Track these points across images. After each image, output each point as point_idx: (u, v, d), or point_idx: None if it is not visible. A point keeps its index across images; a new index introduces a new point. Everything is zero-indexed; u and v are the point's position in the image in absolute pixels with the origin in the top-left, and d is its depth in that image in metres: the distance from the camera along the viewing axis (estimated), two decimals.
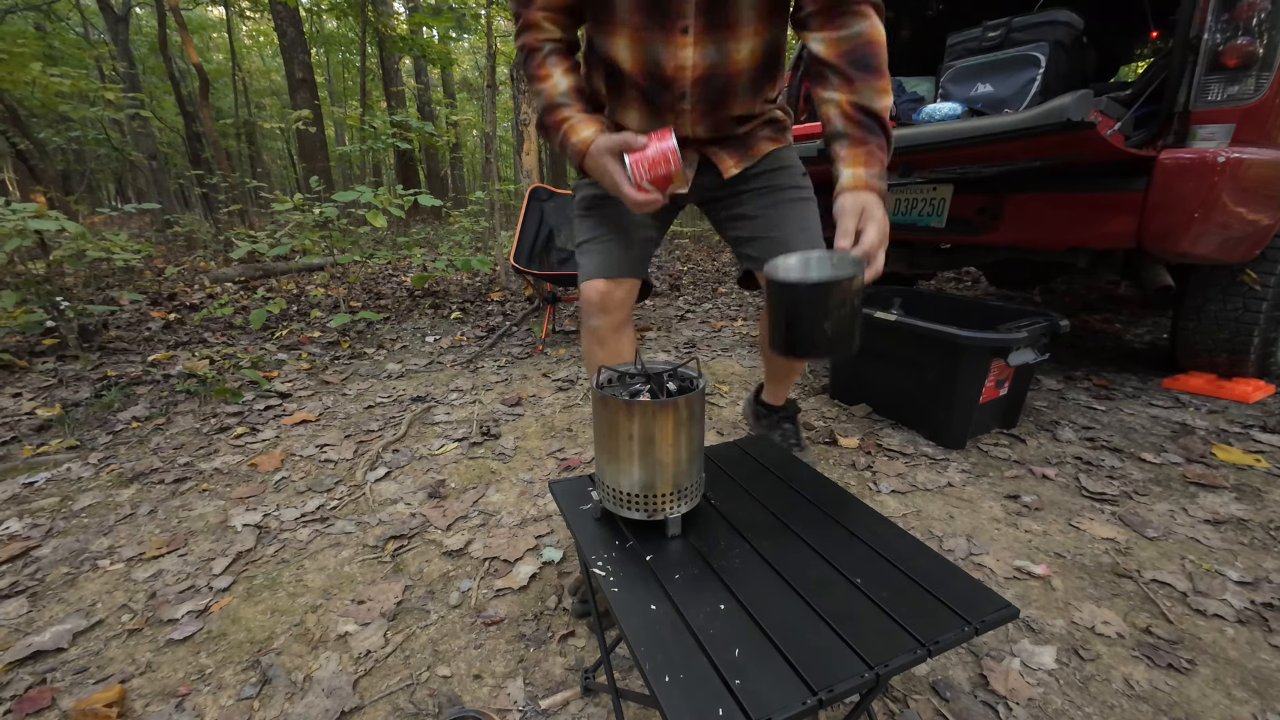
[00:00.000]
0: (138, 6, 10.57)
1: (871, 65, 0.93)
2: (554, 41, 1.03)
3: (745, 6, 0.97)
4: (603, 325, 1.19)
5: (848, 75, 0.93)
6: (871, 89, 0.93)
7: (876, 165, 0.92)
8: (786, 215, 1.17)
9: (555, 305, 3.16)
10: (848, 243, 0.86)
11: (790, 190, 1.18)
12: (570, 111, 1.00)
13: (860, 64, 0.93)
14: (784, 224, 1.16)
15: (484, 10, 5.24)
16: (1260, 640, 0.99)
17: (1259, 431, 1.73)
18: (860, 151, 0.92)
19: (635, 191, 0.91)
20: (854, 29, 0.93)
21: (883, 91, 0.93)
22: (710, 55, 1.01)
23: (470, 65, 17.99)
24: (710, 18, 0.97)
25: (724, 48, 1.00)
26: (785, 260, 0.85)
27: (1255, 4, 1.49)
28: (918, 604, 0.65)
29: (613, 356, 1.23)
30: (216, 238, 5.77)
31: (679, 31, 0.98)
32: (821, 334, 0.79)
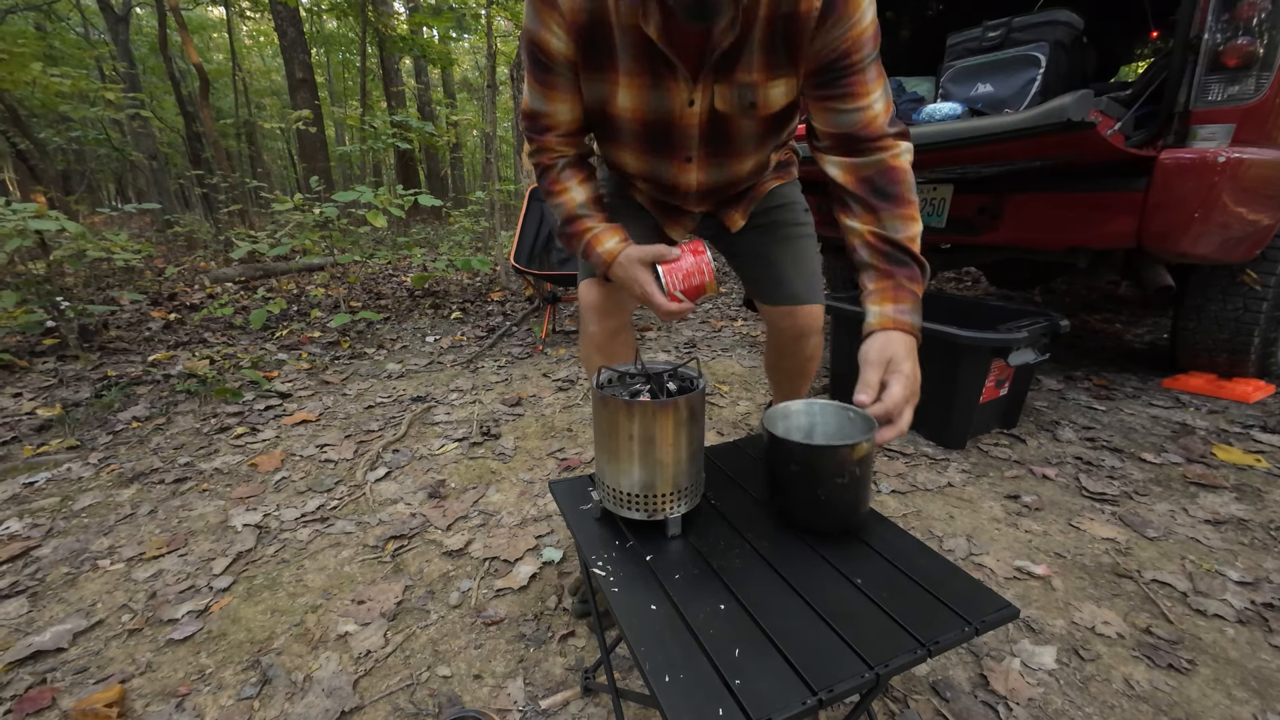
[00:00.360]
0: (138, 6, 10.57)
1: (894, 194, 0.87)
2: (567, 158, 1.03)
3: (747, 138, 0.98)
4: (598, 331, 1.16)
5: (869, 204, 0.88)
6: (896, 218, 0.87)
7: (907, 300, 0.84)
8: (783, 253, 1.19)
9: (555, 305, 3.16)
10: (868, 397, 0.77)
11: (789, 228, 1.19)
12: (592, 222, 1.01)
13: (882, 193, 0.88)
14: (780, 261, 1.19)
15: (484, 10, 5.24)
16: (1260, 640, 0.99)
17: (1259, 431, 1.73)
18: (888, 286, 0.85)
19: (668, 301, 0.92)
20: (874, 158, 0.88)
21: (909, 219, 0.87)
22: (714, 174, 1.04)
23: (470, 65, 17.99)
24: (712, 147, 0.99)
25: (727, 167, 1.04)
26: (787, 409, 0.82)
27: (1256, 4, 1.49)
28: (918, 604, 0.65)
29: (609, 363, 1.21)
30: (217, 238, 5.78)
31: (682, 160, 1.01)
32: (813, 502, 0.73)
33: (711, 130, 0.96)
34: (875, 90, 0.88)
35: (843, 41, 0.84)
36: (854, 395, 0.78)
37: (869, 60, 0.86)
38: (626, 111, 0.94)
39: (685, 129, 0.96)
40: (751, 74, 0.89)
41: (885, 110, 0.89)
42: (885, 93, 0.89)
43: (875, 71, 0.88)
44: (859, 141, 0.89)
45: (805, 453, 0.71)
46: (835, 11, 0.82)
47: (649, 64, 0.89)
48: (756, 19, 0.84)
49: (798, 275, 1.18)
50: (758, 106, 0.92)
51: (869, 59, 0.86)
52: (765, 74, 0.89)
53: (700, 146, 0.99)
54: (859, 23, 0.83)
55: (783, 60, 0.88)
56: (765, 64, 0.88)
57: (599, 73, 0.92)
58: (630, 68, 0.90)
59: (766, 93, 0.91)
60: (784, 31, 0.85)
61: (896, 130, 0.90)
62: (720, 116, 0.94)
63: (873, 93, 0.88)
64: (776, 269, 1.19)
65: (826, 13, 0.82)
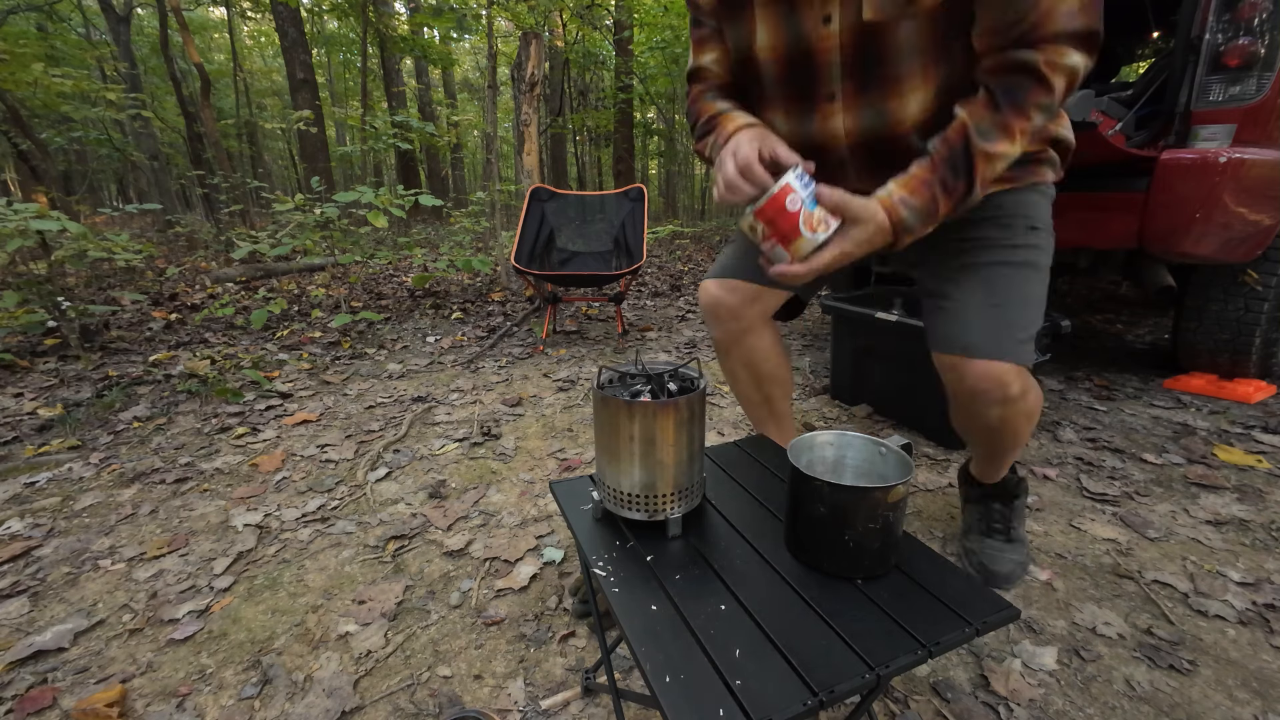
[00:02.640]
0: (139, 7, 10.58)
1: (1016, 100, 0.72)
2: (715, 90, 0.97)
3: (908, 54, 0.78)
4: (717, 336, 1.09)
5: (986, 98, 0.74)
6: (995, 126, 0.73)
7: (920, 198, 0.75)
8: (973, 282, 0.88)
9: (556, 306, 3.16)
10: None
11: (996, 249, 0.89)
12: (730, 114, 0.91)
13: (1009, 95, 0.73)
14: (962, 293, 0.88)
15: (485, 11, 5.25)
16: (1262, 641, 0.99)
17: (1260, 432, 1.72)
18: (918, 178, 0.75)
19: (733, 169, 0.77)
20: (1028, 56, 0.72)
21: (1008, 135, 0.73)
22: (867, 118, 0.85)
23: (471, 66, 18.01)
24: (861, 78, 0.82)
25: (883, 108, 0.83)
26: (813, 440, 0.76)
27: (1257, 4, 1.49)
28: (918, 605, 0.65)
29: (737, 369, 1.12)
30: (218, 238, 5.78)
31: (825, 99, 0.86)
32: (839, 547, 0.67)
33: (858, 54, 0.80)
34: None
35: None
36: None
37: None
38: (766, 51, 0.86)
39: (824, 55, 0.82)
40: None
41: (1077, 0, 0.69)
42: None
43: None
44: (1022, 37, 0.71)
45: (835, 494, 0.65)
46: None
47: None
48: None
49: (983, 316, 0.86)
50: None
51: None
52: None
53: (845, 80, 0.82)
54: None
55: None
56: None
57: (739, 11, 0.87)
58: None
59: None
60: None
61: (1077, 28, 0.69)
62: (869, 30, 0.78)
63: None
64: (955, 304, 0.89)
65: None
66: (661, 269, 5.49)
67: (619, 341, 3.03)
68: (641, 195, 3.32)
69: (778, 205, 0.73)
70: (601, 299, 3.23)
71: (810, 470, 0.71)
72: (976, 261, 0.89)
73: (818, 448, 0.79)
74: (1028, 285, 0.88)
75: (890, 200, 0.76)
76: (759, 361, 1.13)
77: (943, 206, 0.76)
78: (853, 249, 0.76)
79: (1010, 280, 0.88)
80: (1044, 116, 0.73)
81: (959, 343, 0.87)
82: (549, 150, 10.89)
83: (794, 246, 0.75)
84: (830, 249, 0.75)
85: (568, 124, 10.47)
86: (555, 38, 9.31)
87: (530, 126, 3.94)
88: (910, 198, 0.75)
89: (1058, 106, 0.74)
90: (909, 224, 0.76)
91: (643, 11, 9.68)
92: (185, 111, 7.68)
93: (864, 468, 0.78)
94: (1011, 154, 0.75)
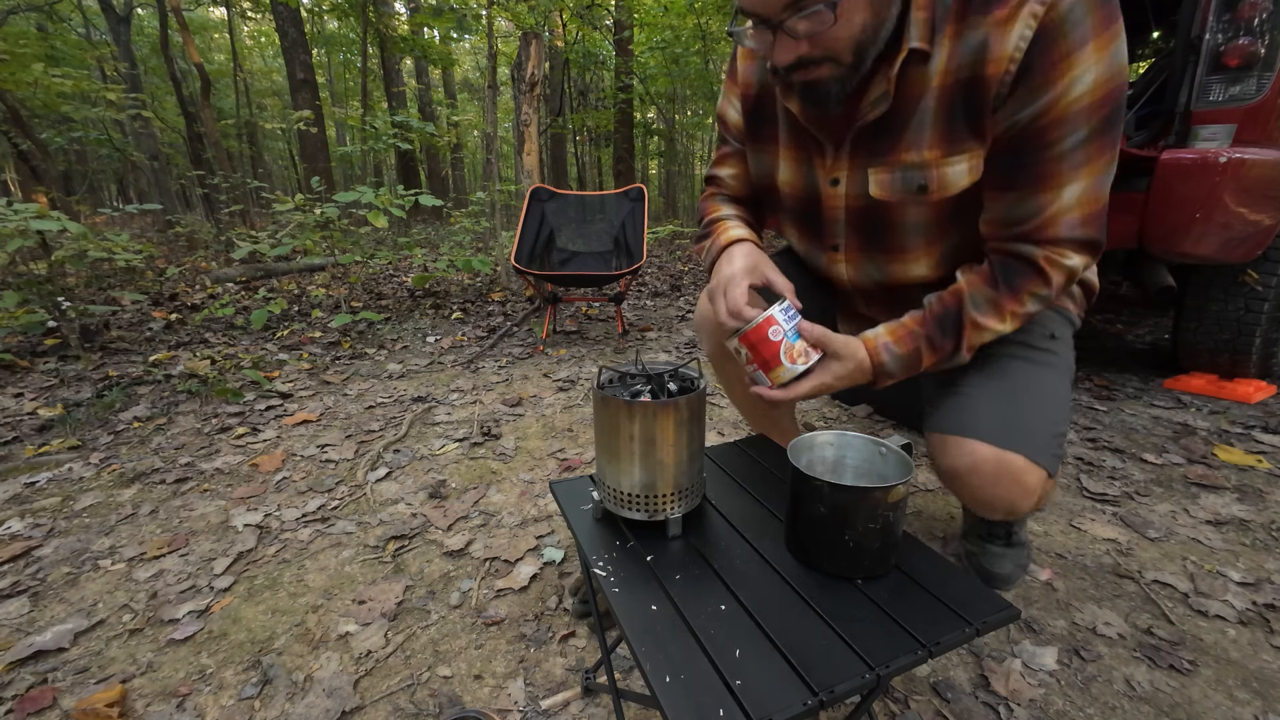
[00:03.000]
0: (140, 7, 10.58)
1: (1013, 285, 0.73)
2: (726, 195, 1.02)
3: (914, 230, 0.80)
4: (712, 351, 1.09)
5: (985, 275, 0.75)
6: (988, 303, 0.74)
7: (905, 348, 0.76)
8: (991, 370, 0.83)
9: (556, 306, 3.16)
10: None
11: (1013, 345, 0.84)
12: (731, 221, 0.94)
13: (1006, 277, 0.74)
14: (979, 381, 0.83)
15: (485, 11, 5.25)
16: (1262, 641, 0.99)
17: (1260, 432, 1.72)
18: (908, 330, 0.77)
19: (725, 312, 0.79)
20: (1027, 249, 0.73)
21: (999, 315, 0.74)
22: (868, 272, 0.88)
23: (471, 66, 18.01)
24: (864, 239, 0.84)
25: (886, 267, 0.85)
26: (813, 439, 0.76)
27: (1257, 4, 1.49)
28: (919, 605, 0.65)
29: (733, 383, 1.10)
30: (218, 238, 5.78)
31: (829, 248, 0.90)
32: (839, 547, 0.67)
33: (862, 219, 0.83)
34: (1074, 180, 0.69)
35: (1040, 116, 0.67)
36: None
37: (1076, 141, 0.67)
38: (786, 186, 0.90)
39: (830, 212, 0.85)
40: (922, 152, 0.74)
41: (1080, 208, 0.70)
42: (1093, 185, 0.69)
43: (1085, 155, 0.68)
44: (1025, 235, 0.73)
45: (835, 494, 0.65)
46: (1034, 76, 0.65)
47: (800, 138, 0.84)
48: (928, 89, 0.71)
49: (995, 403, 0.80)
50: (930, 189, 0.76)
51: (1075, 139, 0.67)
52: (942, 149, 0.73)
53: (849, 236, 0.86)
54: (1068, 92, 0.65)
55: (964, 132, 0.71)
56: (943, 137, 0.73)
57: (764, 144, 0.91)
58: (787, 139, 0.87)
59: (942, 172, 0.74)
60: (965, 99, 0.69)
61: (1078, 236, 0.71)
62: (876, 205, 0.80)
63: (1068, 183, 0.69)
64: (964, 389, 0.84)
65: (1023, 76, 0.65)
66: (661, 269, 5.49)
67: (619, 341, 3.03)
68: (641, 195, 3.32)
69: (761, 335, 0.76)
70: (601, 299, 3.23)
71: (810, 470, 0.71)
72: (991, 353, 0.84)
73: (818, 448, 0.79)
74: (1046, 382, 0.83)
75: (875, 343, 0.78)
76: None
77: (926, 360, 0.78)
78: (832, 382, 0.78)
79: (1027, 374, 0.83)
80: (1037, 305, 0.75)
81: (966, 426, 0.81)
82: (549, 150, 10.89)
83: (774, 374, 0.78)
84: (809, 380, 0.78)
85: (568, 124, 10.47)
86: (555, 38, 9.31)
87: (530, 126, 3.94)
88: (895, 345, 0.78)
89: (1054, 299, 0.75)
90: (889, 368, 0.78)
91: (643, 11, 9.68)
92: (185, 111, 7.68)
93: (864, 468, 0.78)
94: (1000, 330, 0.76)
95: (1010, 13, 0.64)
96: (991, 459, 0.78)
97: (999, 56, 0.65)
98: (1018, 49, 0.64)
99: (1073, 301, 0.92)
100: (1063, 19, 0.62)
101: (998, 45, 0.65)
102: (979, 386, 0.82)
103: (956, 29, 0.68)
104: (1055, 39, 0.63)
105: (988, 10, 0.66)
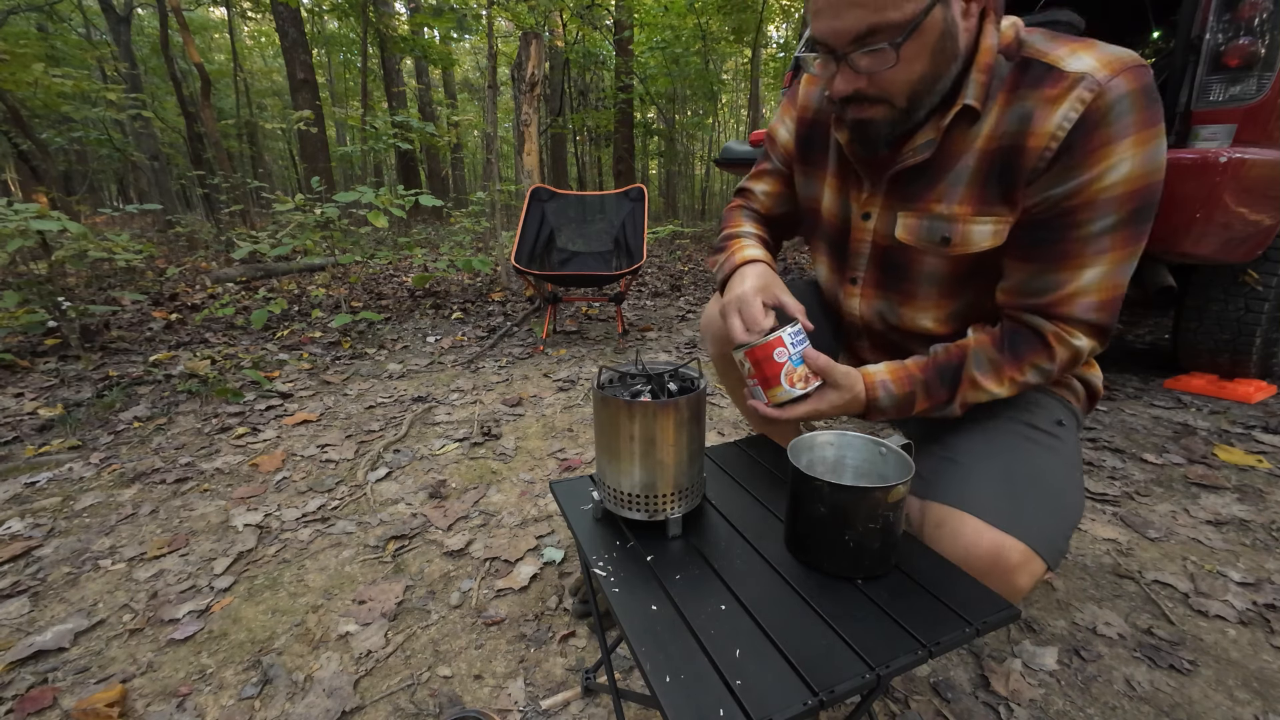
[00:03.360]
0: (140, 7, 10.59)
1: (1018, 354, 0.74)
2: (752, 212, 1.05)
3: (928, 279, 0.82)
4: (716, 356, 1.09)
5: (993, 341, 0.76)
6: (989, 367, 0.75)
7: (903, 389, 0.78)
8: (992, 448, 0.79)
9: (556, 306, 3.16)
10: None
11: (1018, 424, 0.81)
12: (747, 240, 0.97)
13: (1012, 346, 0.75)
14: (979, 455, 0.78)
15: (485, 11, 5.25)
16: (1262, 641, 0.99)
17: (1261, 432, 1.72)
18: (908, 373, 0.78)
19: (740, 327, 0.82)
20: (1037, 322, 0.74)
21: (997, 380, 0.75)
22: (879, 309, 0.90)
23: (471, 66, 18.01)
24: (883, 275, 0.87)
25: (896, 308, 0.88)
26: (813, 439, 0.77)
27: (1257, 4, 1.49)
28: (919, 605, 0.65)
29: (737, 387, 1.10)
30: (218, 238, 5.78)
31: (849, 279, 0.92)
32: (839, 547, 0.67)
33: (884, 258, 0.85)
34: (1095, 264, 0.69)
35: (1072, 195, 0.68)
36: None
37: (1103, 226, 0.68)
38: (827, 214, 0.92)
39: (857, 244, 0.88)
40: (953, 206, 0.76)
41: (1097, 293, 0.70)
42: (1113, 273, 0.69)
43: (1110, 242, 0.68)
44: (1039, 308, 0.73)
45: (835, 494, 0.65)
46: (1073, 155, 0.66)
47: (842, 168, 0.88)
48: (970, 148, 0.73)
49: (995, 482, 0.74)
50: (953, 242, 0.77)
51: (1103, 225, 0.67)
52: (972, 207, 0.75)
53: (869, 271, 0.88)
54: (1102, 177, 0.66)
55: (996, 196, 0.73)
56: (975, 197, 0.74)
57: (815, 168, 0.93)
58: (833, 168, 0.89)
59: (967, 229, 0.76)
60: (1003, 166, 0.71)
61: (1091, 320, 0.71)
62: (900, 247, 0.82)
63: (1089, 265, 0.69)
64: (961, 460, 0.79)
65: (1062, 154, 0.67)
66: (662, 269, 5.49)
67: (619, 341, 3.03)
68: (642, 195, 3.32)
69: (765, 353, 0.78)
70: (602, 299, 3.23)
71: (810, 470, 0.71)
72: (994, 427, 0.81)
73: (818, 448, 0.79)
74: (1052, 469, 0.76)
75: (873, 379, 0.79)
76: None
77: (920, 404, 0.79)
78: (826, 409, 0.80)
79: (1031, 458, 0.77)
80: (1037, 377, 0.75)
81: (961, 500, 0.74)
82: (549, 150, 10.89)
83: (772, 393, 0.79)
84: (805, 404, 0.79)
85: (568, 124, 10.47)
86: (555, 38, 9.31)
87: (530, 126, 3.95)
88: (892, 383, 0.79)
89: (1055, 375, 0.76)
90: (882, 404, 0.79)
91: (643, 11, 9.68)
92: (185, 112, 7.68)
93: (864, 468, 0.78)
94: (996, 393, 0.76)
95: (1060, 93, 0.66)
96: (989, 544, 0.69)
97: (1042, 131, 0.67)
98: (1060, 128, 0.66)
99: (1074, 396, 0.90)
100: (1109, 108, 0.64)
101: (1043, 120, 0.67)
102: (981, 468, 0.77)
103: (1008, 98, 0.70)
104: (1098, 125, 0.65)
105: (1039, 86, 0.68)
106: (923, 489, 0.80)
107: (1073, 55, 0.67)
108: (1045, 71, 0.68)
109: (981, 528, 0.70)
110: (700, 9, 9.24)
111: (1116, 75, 0.64)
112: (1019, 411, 0.83)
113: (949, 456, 0.81)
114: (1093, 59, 0.66)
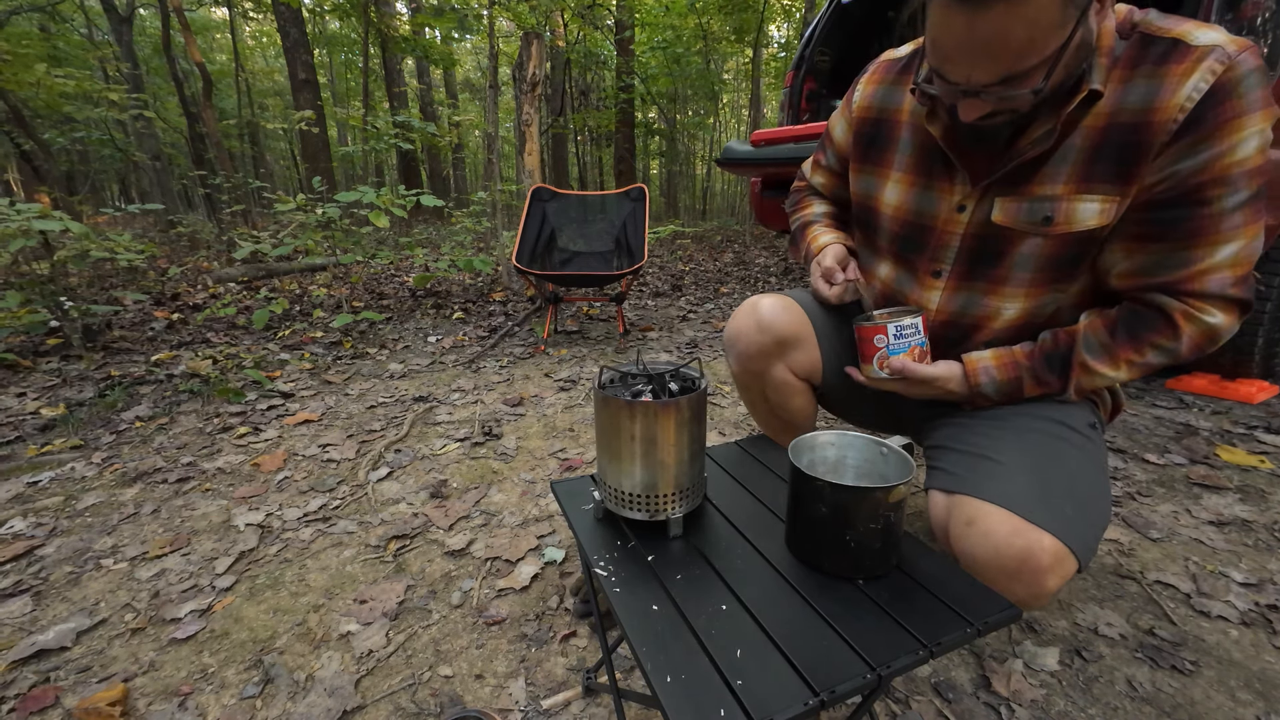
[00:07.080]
0: (142, 8, 10.60)
1: (1135, 335, 0.74)
2: (817, 191, 1.11)
3: (1022, 263, 0.79)
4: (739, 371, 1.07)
5: (1105, 323, 0.76)
6: (1103, 350, 0.75)
7: (1006, 375, 0.79)
8: (1029, 446, 0.78)
9: (557, 305, 3.16)
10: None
11: (1055, 424, 0.80)
12: (820, 227, 1.05)
13: (1129, 326, 0.74)
14: (1016, 454, 0.77)
15: (486, 11, 5.25)
16: (1264, 642, 0.99)
17: (1263, 433, 1.72)
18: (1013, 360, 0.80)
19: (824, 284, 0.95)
20: (1163, 301, 0.73)
21: (1113, 363, 0.75)
22: (961, 302, 0.86)
23: (473, 66, 18.03)
24: (972, 266, 0.83)
25: (981, 301, 0.84)
26: (814, 439, 0.77)
27: (1259, 4, 1.48)
28: (920, 605, 0.65)
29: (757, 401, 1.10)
30: (219, 238, 5.79)
31: (930, 273, 0.88)
32: (840, 547, 0.67)
33: (977, 245, 0.82)
34: (1232, 240, 0.68)
35: (1202, 170, 0.66)
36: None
37: (1237, 201, 0.67)
38: (889, 208, 0.90)
39: (945, 237, 0.84)
40: (1057, 186, 0.73)
41: (1233, 268, 0.69)
42: (1248, 247, 0.68)
43: (1244, 217, 0.67)
44: (1166, 286, 0.72)
45: (836, 494, 0.65)
46: (1202, 128, 0.65)
47: (926, 163, 0.85)
48: (1078, 126, 0.71)
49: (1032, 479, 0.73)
50: (1055, 221, 0.74)
51: (1237, 200, 0.66)
52: (1077, 185, 0.72)
53: (957, 262, 0.84)
54: (1234, 150, 0.65)
55: (1109, 173, 0.70)
56: (1081, 174, 0.72)
57: (873, 166, 0.93)
58: (907, 164, 0.87)
59: (1071, 206, 0.73)
60: (1121, 142, 0.69)
61: (1229, 296, 0.70)
62: (995, 232, 0.79)
63: (1225, 241, 0.68)
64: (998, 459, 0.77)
65: (1189, 127, 0.65)
66: (663, 269, 5.49)
67: (620, 341, 3.03)
68: (642, 195, 3.32)
69: (867, 335, 0.86)
70: (603, 299, 3.23)
71: (811, 470, 0.71)
72: (1029, 426, 0.80)
73: (819, 448, 0.79)
74: (1085, 470, 0.76)
75: (975, 365, 0.83)
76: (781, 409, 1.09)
77: (1030, 390, 0.81)
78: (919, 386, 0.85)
79: (1065, 458, 0.77)
80: (1160, 357, 0.74)
81: (995, 493, 0.72)
82: (550, 150, 10.89)
83: (863, 367, 0.90)
84: (894, 384, 0.87)
85: (569, 124, 10.47)
86: (556, 38, 9.31)
87: (531, 126, 3.95)
88: (995, 369, 0.81)
89: (1184, 354, 0.73)
90: (985, 390, 0.82)
91: (644, 11, 9.68)
92: (187, 112, 7.69)
93: (865, 468, 0.78)
94: (1115, 376, 0.77)
95: (1190, 65, 0.65)
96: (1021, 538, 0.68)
97: (1168, 105, 0.66)
98: (1189, 99, 0.65)
99: (1103, 407, 0.92)
100: (1239, 79, 0.64)
101: (1169, 94, 0.66)
102: (1019, 466, 0.75)
103: (1125, 74, 0.69)
104: (1229, 97, 0.64)
105: (1165, 61, 0.67)
106: (954, 484, 0.79)
107: (1200, 29, 0.67)
108: (1171, 46, 0.67)
109: (1017, 523, 0.68)
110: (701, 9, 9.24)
111: (1244, 51, 0.64)
112: (1054, 411, 0.82)
113: (983, 454, 0.79)
114: (1219, 34, 0.65)
